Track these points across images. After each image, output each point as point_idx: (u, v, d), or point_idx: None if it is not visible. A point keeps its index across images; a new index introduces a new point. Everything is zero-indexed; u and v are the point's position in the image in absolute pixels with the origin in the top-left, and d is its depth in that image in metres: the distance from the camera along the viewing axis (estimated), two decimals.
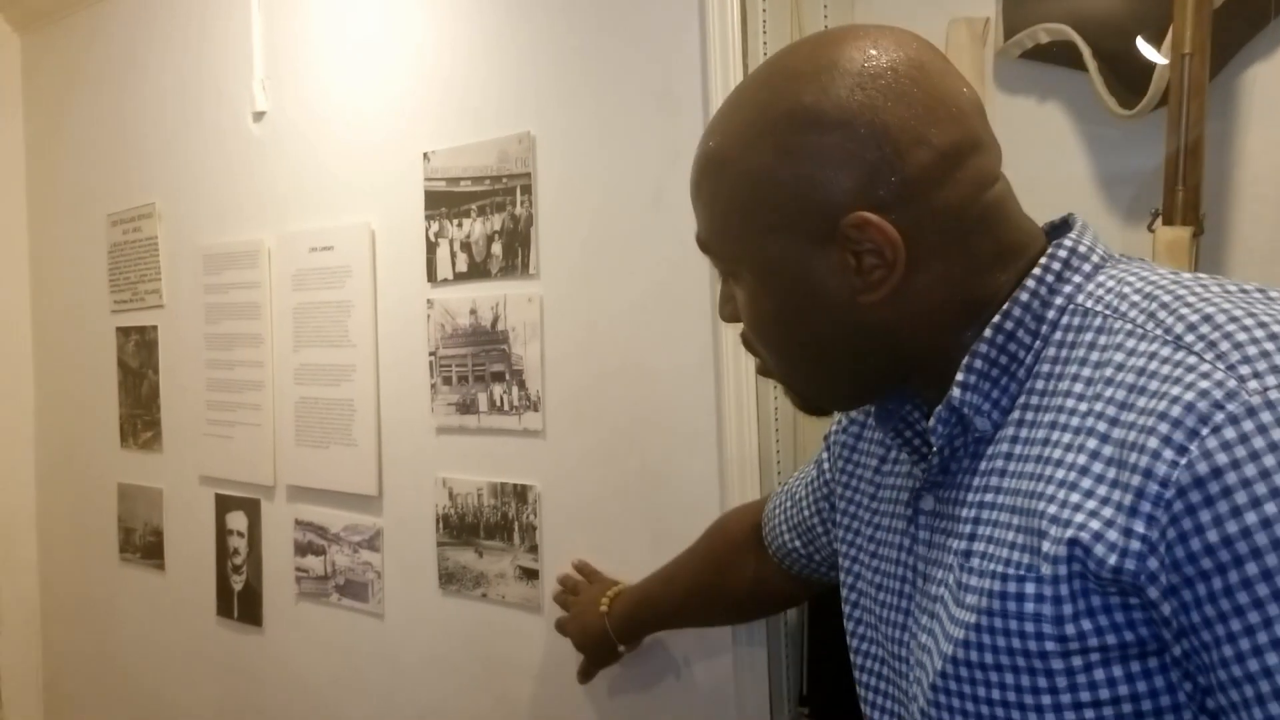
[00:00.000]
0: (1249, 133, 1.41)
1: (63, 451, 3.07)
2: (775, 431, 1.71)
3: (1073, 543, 0.70)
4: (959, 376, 0.80)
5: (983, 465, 0.81)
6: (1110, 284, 0.78)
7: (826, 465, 1.17)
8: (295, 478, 2.31)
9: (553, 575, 1.84)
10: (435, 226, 1.99)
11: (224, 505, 2.50)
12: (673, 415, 1.69)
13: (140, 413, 2.74)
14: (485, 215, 1.91)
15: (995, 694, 0.76)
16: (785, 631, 1.70)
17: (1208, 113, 1.30)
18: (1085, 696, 0.72)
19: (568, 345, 1.82)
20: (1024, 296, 0.80)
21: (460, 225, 1.95)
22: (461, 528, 1.97)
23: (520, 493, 1.87)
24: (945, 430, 0.82)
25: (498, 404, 1.90)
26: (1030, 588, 0.73)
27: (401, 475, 2.10)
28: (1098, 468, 0.71)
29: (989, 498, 0.80)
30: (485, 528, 1.93)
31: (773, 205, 0.81)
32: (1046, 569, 0.72)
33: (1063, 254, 0.80)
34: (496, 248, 1.89)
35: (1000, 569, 0.76)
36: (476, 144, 1.92)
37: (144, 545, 2.74)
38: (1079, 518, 0.70)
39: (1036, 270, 0.80)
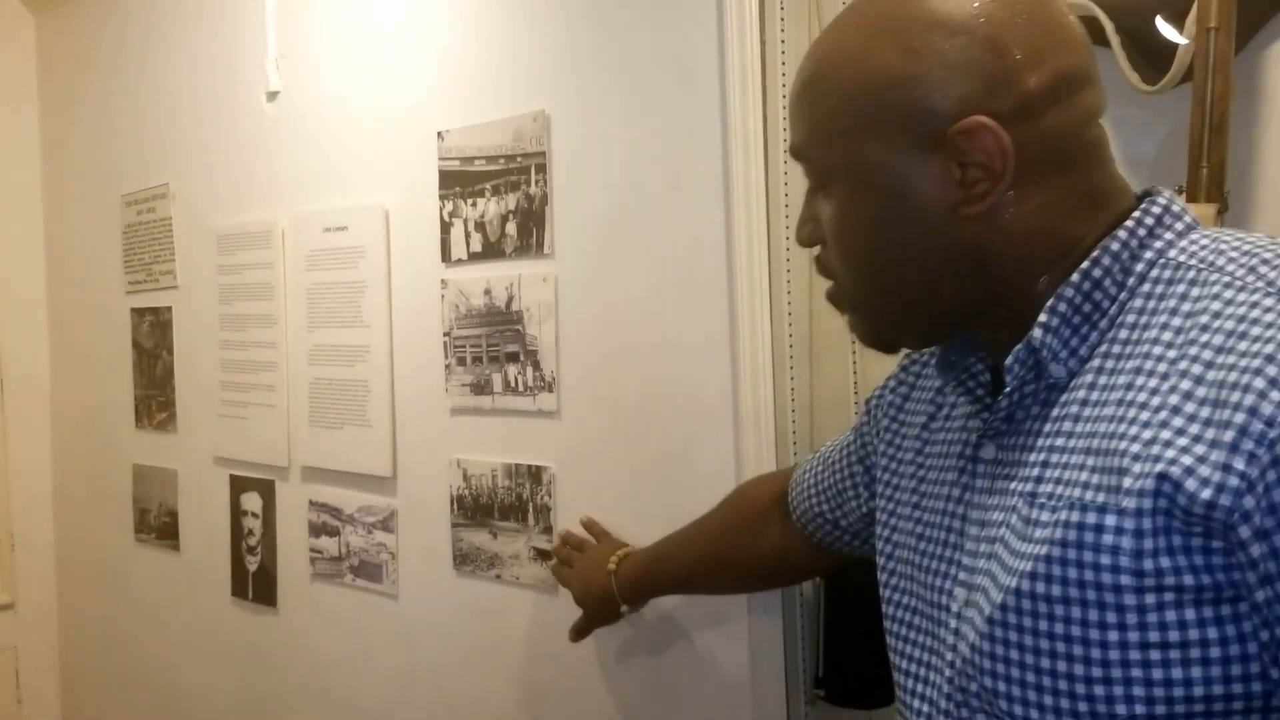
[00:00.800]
0: (1274, 109, 1.39)
1: (78, 432, 3.07)
2: (792, 412, 1.70)
3: (1162, 477, 0.69)
4: (1041, 318, 0.80)
5: (1054, 412, 0.80)
6: (1204, 242, 0.78)
7: (867, 428, 1.17)
8: (309, 459, 2.31)
9: None
10: (449, 206, 1.98)
11: (238, 486, 2.50)
12: (689, 396, 1.68)
13: (155, 393, 2.74)
14: (500, 194, 1.90)
15: (1059, 628, 0.74)
16: (800, 614, 1.69)
17: (1232, 88, 1.28)
18: (1153, 637, 0.70)
19: (583, 325, 1.81)
20: (1114, 246, 0.79)
21: (474, 205, 1.94)
22: (476, 509, 1.96)
23: (535, 474, 1.87)
24: (1021, 371, 0.81)
25: (512, 385, 1.89)
26: (1111, 520, 0.71)
27: (416, 456, 2.09)
28: (1190, 408, 0.70)
29: (1060, 442, 0.78)
30: (499, 509, 1.93)
31: (886, 105, 0.80)
32: (1129, 502, 0.70)
33: (1156, 210, 0.80)
34: (511, 227, 1.88)
35: (1077, 501, 0.74)
36: (490, 123, 1.91)
37: (159, 526, 2.75)
38: (1169, 453, 0.69)
39: (1129, 222, 0.80)
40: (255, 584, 2.47)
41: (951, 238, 0.81)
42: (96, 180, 2.92)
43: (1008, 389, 0.82)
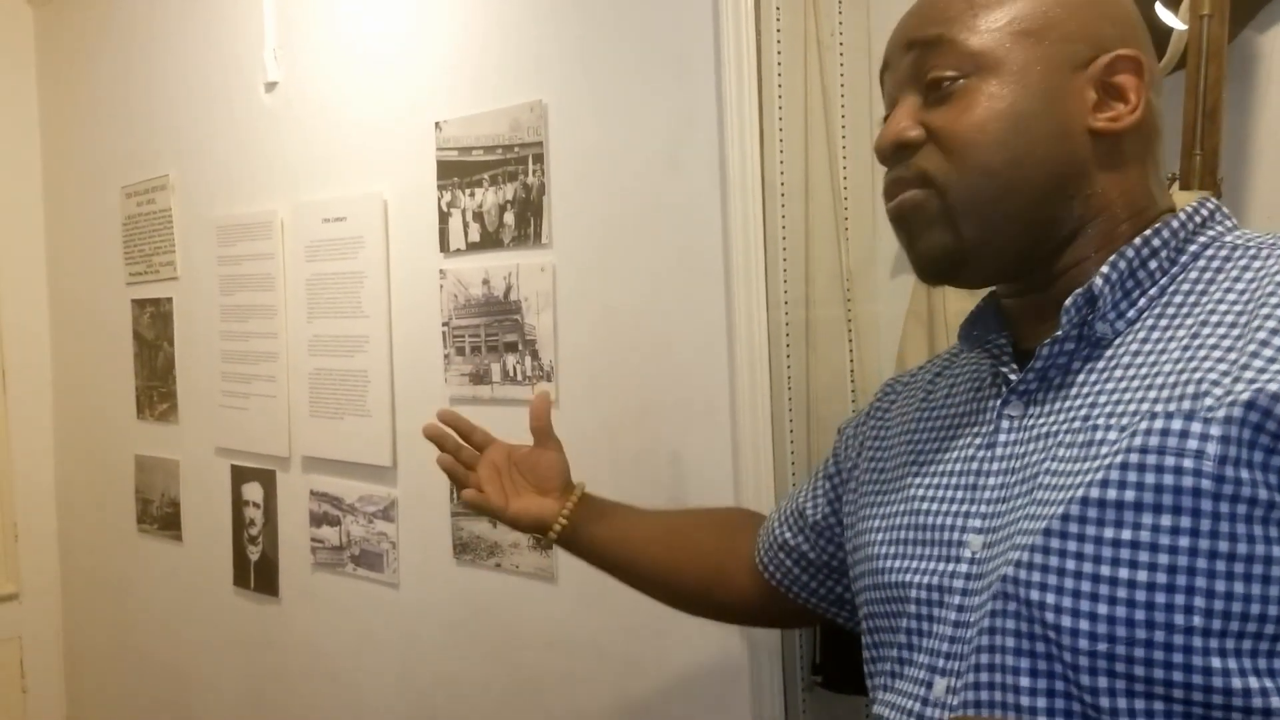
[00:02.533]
0: (1267, 96, 1.39)
1: (80, 423, 3.09)
2: (789, 400, 1.71)
3: (1255, 395, 0.72)
4: (1104, 269, 0.84)
5: (1099, 365, 0.84)
6: (1254, 235, 0.85)
7: (840, 455, 1.17)
8: (310, 449, 2.32)
9: None
10: (447, 196, 1.98)
11: (240, 476, 2.51)
12: (686, 384, 1.69)
13: (156, 384, 2.75)
14: (497, 185, 1.90)
15: (1126, 534, 0.74)
16: None
17: (1225, 75, 1.28)
18: (1223, 547, 0.71)
19: (580, 315, 1.81)
20: (1174, 223, 0.86)
21: (472, 195, 1.94)
22: None
23: None
24: (1075, 315, 0.85)
25: (511, 374, 1.90)
26: (1196, 426, 0.73)
27: (415, 446, 2.10)
28: (1278, 341, 0.74)
29: (1110, 385, 0.82)
30: None
31: (1063, 20, 0.87)
32: (1218, 412, 0.73)
33: (1211, 205, 0.88)
34: (509, 217, 1.89)
35: (1155, 413, 0.76)
36: (488, 113, 1.91)
37: (161, 516, 2.76)
38: (1264, 378, 0.72)
39: (1184, 211, 0.87)
40: (257, 573, 2.48)
41: (1071, 153, 0.86)
42: (96, 172, 2.92)
43: (1060, 332, 0.85)
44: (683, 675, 1.72)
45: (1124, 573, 0.74)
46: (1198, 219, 0.86)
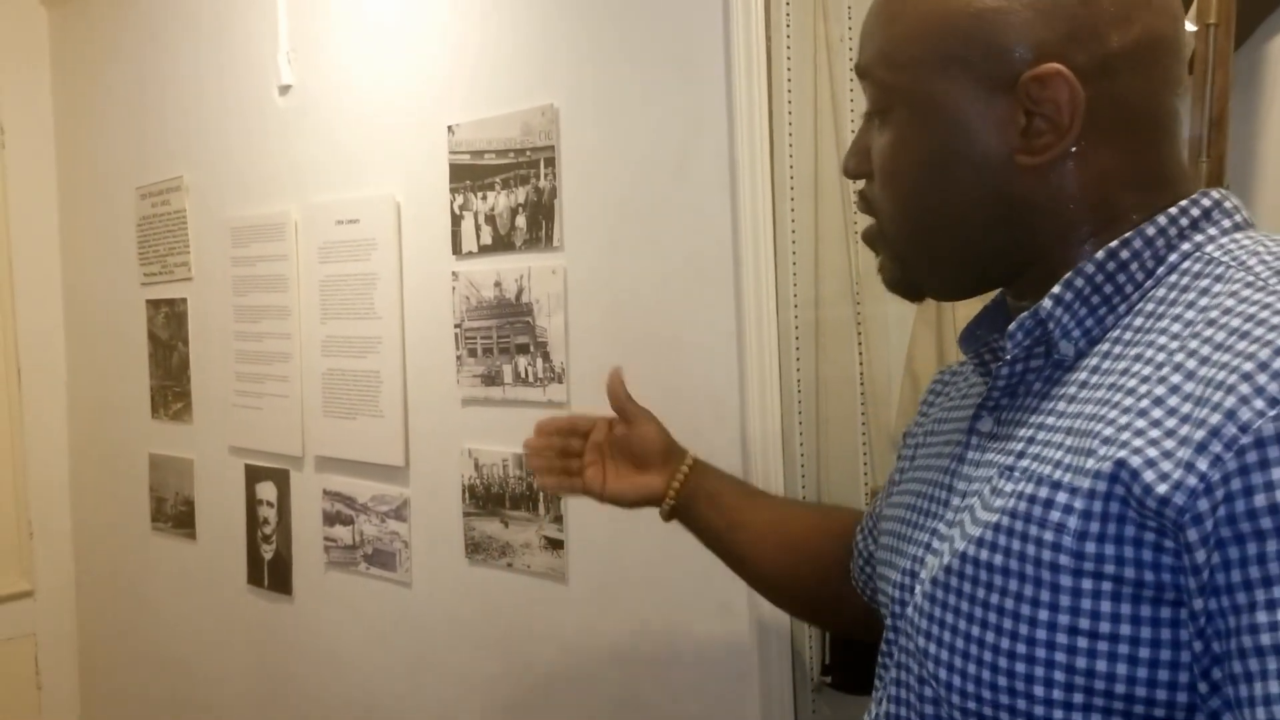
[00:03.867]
0: (1273, 104, 1.39)
1: (95, 422, 3.11)
2: (798, 401, 1.72)
3: (1120, 464, 0.66)
4: (1054, 290, 0.77)
5: (1054, 390, 0.78)
6: (1245, 243, 0.74)
7: (903, 455, 1.12)
8: (323, 448, 2.34)
9: (577, 545, 1.85)
10: (459, 199, 2.00)
11: (254, 475, 2.53)
12: (696, 385, 1.70)
13: (171, 384, 2.77)
14: (509, 188, 1.92)
15: (994, 598, 0.72)
16: None
17: (1232, 84, 1.28)
18: (1084, 624, 0.68)
19: (592, 317, 1.83)
20: (1150, 231, 0.76)
21: (484, 198, 1.95)
22: (487, 498, 1.99)
23: None
24: (1023, 339, 0.79)
25: (522, 376, 1.92)
26: (1061, 497, 0.69)
27: (428, 446, 2.12)
28: (1173, 401, 0.67)
29: (1050, 420, 0.76)
30: (510, 498, 1.95)
31: (962, 38, 0.78)
32: (1084, 483, 0.68)
33: (1206, 203, 0.77)
34: (520, 220, 1.90)
35: (1039, 476, 0.72)
36: (500, 116, 1.93)
37: (175, 515, 2.78)
38: (1137, 442, 0.66)
39: (1173, 210, 0.77)
40: (270, 572, 2.50)
41: (1001, 186, 0.79)
42: (111, 173, 2.94)
43: (1008, 356, 0.80)
44: (693, 675, 1.73)
45: (990, 636, 0.73)
46: (1184, 221, 0.76)
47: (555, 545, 1.88)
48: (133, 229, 2.86)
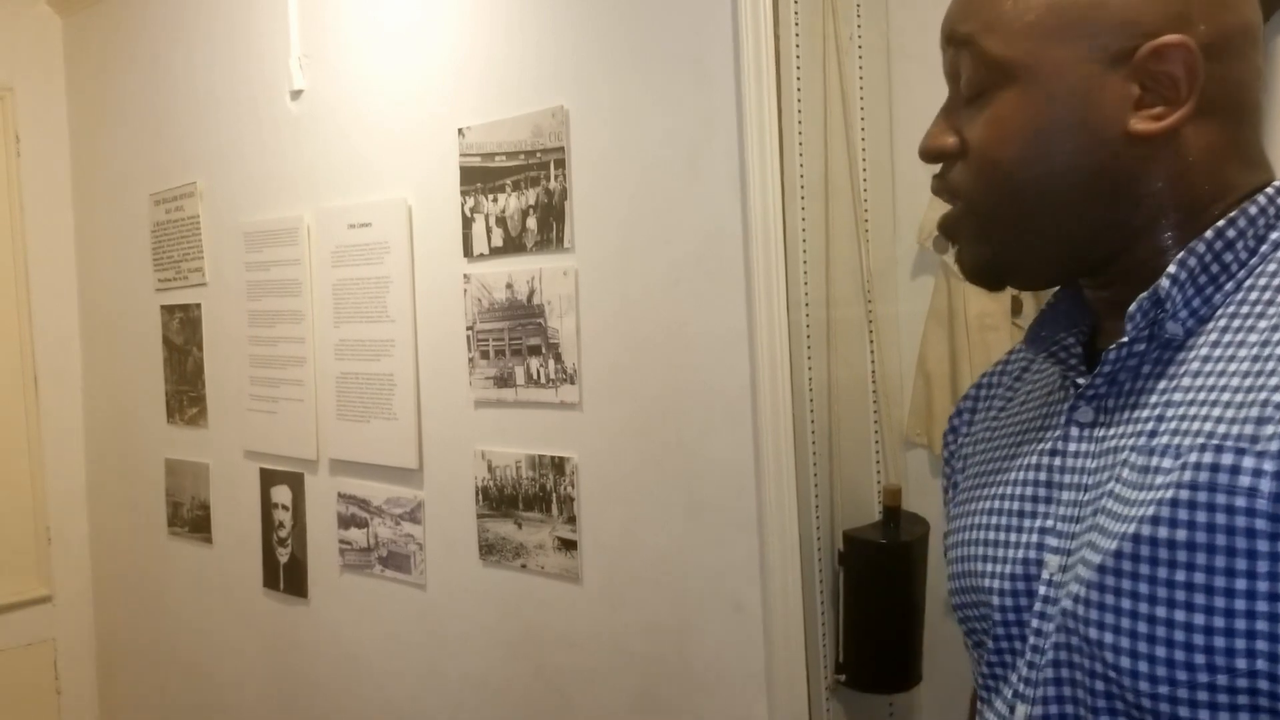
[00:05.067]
0: (1273, 104, 1.39)
1: (111, 428, 3.13)
2: (810, 401, 1.72)
3: None
4: (1170, 269, 0.77)
5: (1169, 370, 0.78)
6: None
7: (957, 474, 1.10)
8: (337, 451, 2.35)
9: (590, 546, 1.86)
10: (471, 202, 2.00)
11: (269, 479, 2.54)
12: (708, 385, 1.70)
13: (186, 389, 2.79)
14: (520, 190, 1.92)
15: (1180, 575, 0.70)
16: (820, 600, 1.71)
17: None
18: None
19: (603, 318, 1.83)
20: (1253, 210, 0.77)
21: (495, 200, 1.96)
22: (501, 499, 1.99)
23: (558, 464, 1.89)
24: (1142, 320, 0.78)
25: (535, 377, 1.92)
26: (1248, 462, 0.68)
27: (441, 448, 2.12)
28: None
29: (1178, 396, 0.75)
30: (524, 499, 1.95)
31: (1084, 7, 0.78)
32: (1273, 445, 0.67)
33: None
34: (531, 222, 1.91)
35: (1208, 445, 0.71)
36: (510, 119, 1.93)
37: (192, 519, 2.80)
38: None
39: (1270, 189, 0.78)
40: (286, 575, 2.51)
41: (1108, 160, 0.79)
42: (125, 179, 2.96)
43: (1125, 337, 0.79)
44: (706, 674, 1.73)
45: (1180, 615, 0.70)
46: None
47: (569, 546, 1.89)
48: (147, 235, 2.87)
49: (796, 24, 1.71)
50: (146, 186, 2.86)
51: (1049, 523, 0.83)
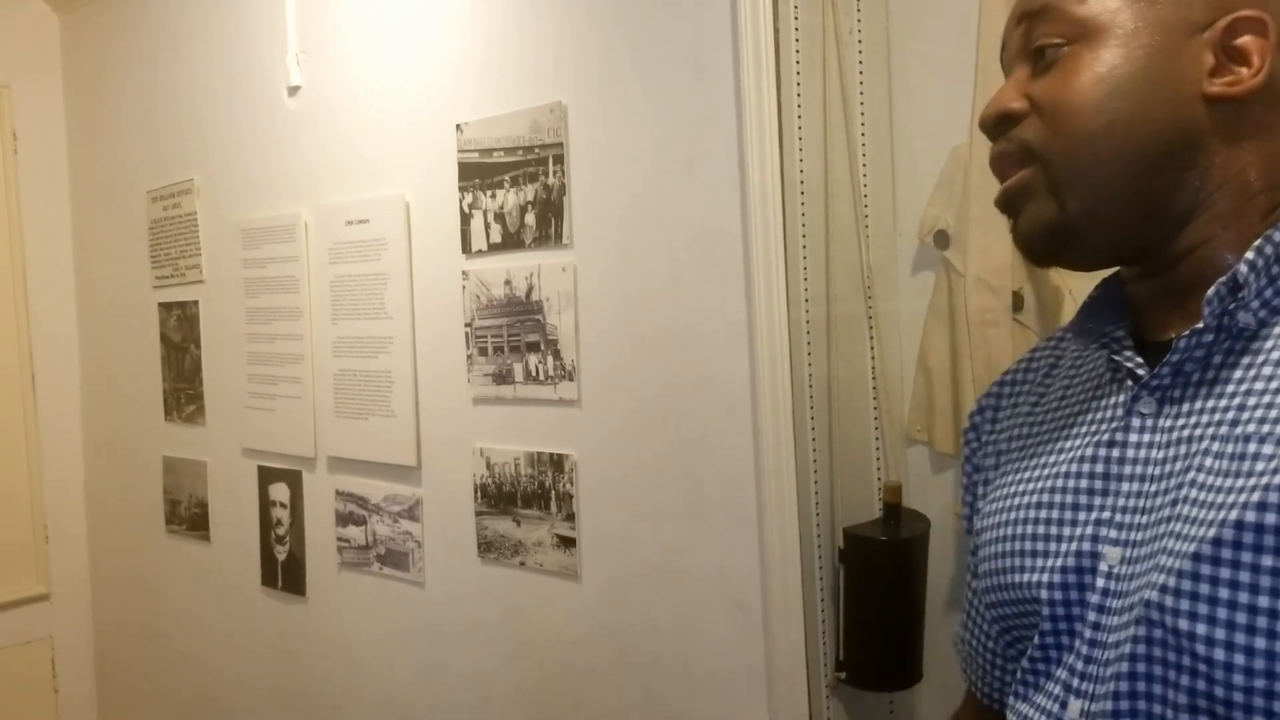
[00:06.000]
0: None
1: (109, 426, 3.12)
2: (810, 397, 1.71)
3: None
4: (1249, 255, 0.77)
5: (1244, 360, 0.77)
6: None
7: (989, 468, 1.07)
8: (335, 449, 2.34)
9: (589, 543, 1.85)
10: (469, 198, 2.00)
11: (266, 477, 2.53)
12: (708, 382, 1.69)
13: (183, 386, 2.78)
14: (518, 186, 1.91)
15: None
16: (820, 598, 1.71)
17: None
18: None
19: (602, 314, 1.83)
20: None
21: (494, 196, 1.95)
22: (499, 497, 1.99)
23: (557, 462, 1.89)
24: (1219, 306, 0.78)
25: (533, 374, 1.91)
26: None
27: (439, 446, 2.12)
28: None
29: (1260, 385, 0.75)
30: (523, 497, 1.95)
31: None
32: None
33: None
34: (530, 218, 1.90)
35: None
36: (508, 114, 1.92)
37: (189, 517, 2.79)
38: None
39: None
40: (284, 573, 2.50)
41: (1182, 116, 0.81)
42: (122, 177, 2.95)
43: (1201, 324, 0.79)
44: (705, 671, 1.73)
45: None
46: None
47: (567, 543, 1.88)
48: (144, 232, 2.87)
49: (796, 19, 1.70)
50: (144, 183, 2.86)
51: (1105, 514, 0.82)
